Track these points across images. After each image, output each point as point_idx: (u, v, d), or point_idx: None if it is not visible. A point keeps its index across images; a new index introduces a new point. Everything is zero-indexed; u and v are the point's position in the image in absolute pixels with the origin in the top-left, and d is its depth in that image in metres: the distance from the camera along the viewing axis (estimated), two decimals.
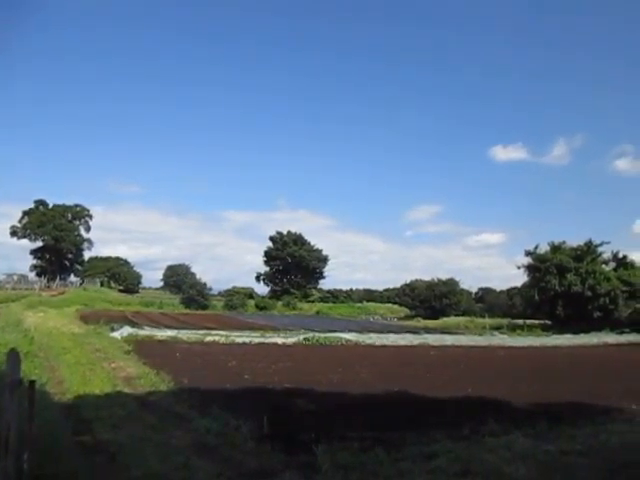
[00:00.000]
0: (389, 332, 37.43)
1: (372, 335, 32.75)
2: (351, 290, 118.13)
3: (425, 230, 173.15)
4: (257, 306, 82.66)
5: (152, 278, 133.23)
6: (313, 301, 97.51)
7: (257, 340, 28.05)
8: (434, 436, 7.87)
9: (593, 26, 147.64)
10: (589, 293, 46.52)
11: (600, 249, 51.24)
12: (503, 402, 12.26)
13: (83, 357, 16.27)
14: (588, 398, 12.88)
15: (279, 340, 28.74)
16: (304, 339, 29.14)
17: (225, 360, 18.95)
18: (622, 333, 42.30)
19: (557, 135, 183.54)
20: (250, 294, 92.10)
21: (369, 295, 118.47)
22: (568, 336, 39.72)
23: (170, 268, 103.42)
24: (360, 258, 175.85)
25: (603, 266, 50.44)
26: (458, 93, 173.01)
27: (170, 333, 28.64)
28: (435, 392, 13.30)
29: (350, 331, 35.15)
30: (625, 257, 51.65)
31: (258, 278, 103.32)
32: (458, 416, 9.98)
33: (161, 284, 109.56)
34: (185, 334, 28.32)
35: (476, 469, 5.99)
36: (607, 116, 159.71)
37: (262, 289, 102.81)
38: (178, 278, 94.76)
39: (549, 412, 10.50)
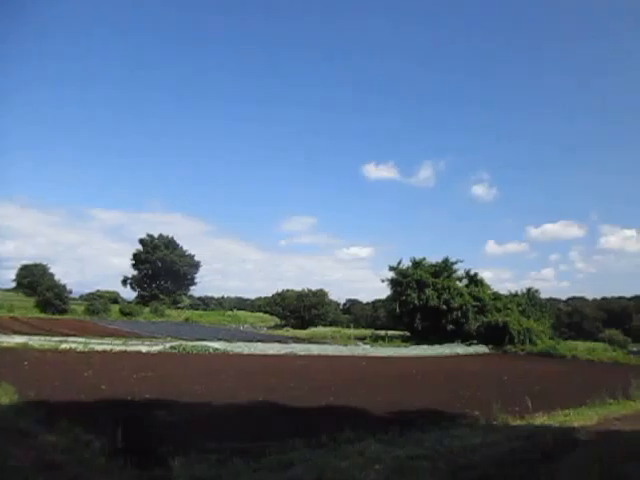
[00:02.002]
0: (258, 341, 37.39)
1: (240, 344, 32.48)
2: (223, 298, 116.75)
3: (299, 241, 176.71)
4: (122, 312, 78.16)
5: (2, 278, 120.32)
6: (182, 308, 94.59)
7: (119, 348, 26.55)
8: (293, 445, 8.02)
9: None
10: (444, 307, 50.08)
11: (455, 266, 55.52)
12: (362, 410, 12.84)
13: None
14: (438, 405, 13.94)
15: (143, 348, 27.45)
16: (170, 347, 28.12)
17: (81, 370, 17.70)
18: (471, 344, 46.24)
19: (425, 158, 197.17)
20: (115, 299, 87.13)
21: (241, 303, 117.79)
22: (424, 347, 42.49)
23: (25, 268, 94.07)
24: (234, 266, 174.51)
25: (457, 282, 54.63)
26: (336, 108, 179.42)
27: (19, 340, 26.09)
28: (298, 401, 13.56)
29: (219, 340, 34.58)
30: (476, 275, 56.43)
31: (125, 282, 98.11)
32: (318, 425, 10.23)
33: (13, 285, 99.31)
34: (37, 341, 26.05)
35: (329, 476, 6.19)
36: (467, 143, 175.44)
37: (129, 294, 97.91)
38: (33, 279, 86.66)
39: (403, 419, 11.19)
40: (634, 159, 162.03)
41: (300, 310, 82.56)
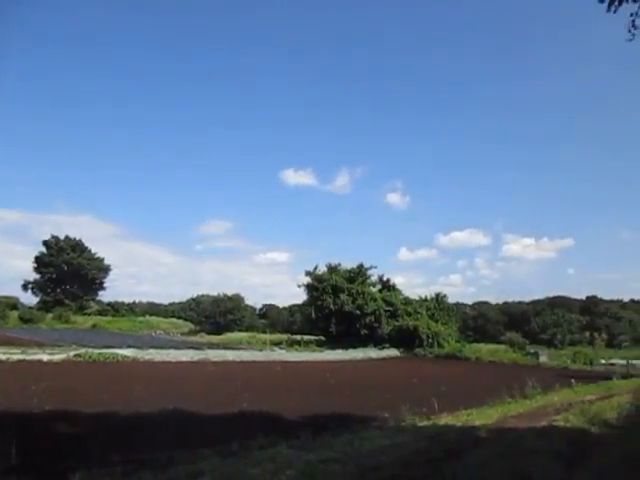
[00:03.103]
0: (171, 348, 36.32)
1: (152, 351, 31.42)
2: (134, 303, 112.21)
3: (216, 245, 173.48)
4: (21, 318, 73.05)
5: None
6: (90, 314, 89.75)
7: (17, 357, 24.80)
8: (203, 453, 7.88)
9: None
10: (358, 312, 51.23)
11: (370, 272, 57.04)
12: (275, 415, 12.86)
13: None
14: (350, 408, 14.24)
15: (44, 357, 25.78)
16: (75, 356, 26.66)
17: None
18: (383, 348, 47.68)
19: (342, 165, 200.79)
20: (14, 304, 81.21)
21: (154, 309, 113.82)
22: (339, 351, 43.27)
23: None
24: (147, 270, 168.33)
25: (371, 288, 56.10)
26: (256, 112, 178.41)
27: None
28: (211, 409, 13.35)
29: (129, 347, 33.20)
30: (389, 280, 58.35)
31: (26, 287, 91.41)
32: (231, 432, 10.12)
33: None
34: None
35: None
36: (383, 152, 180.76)
37: (30, 299, 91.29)
38: None
39: (316, 423, 11.33)
40: (533, 176, 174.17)
41: (215, 315, 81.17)
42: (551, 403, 15.18)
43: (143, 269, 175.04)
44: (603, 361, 41.70)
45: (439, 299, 58.60)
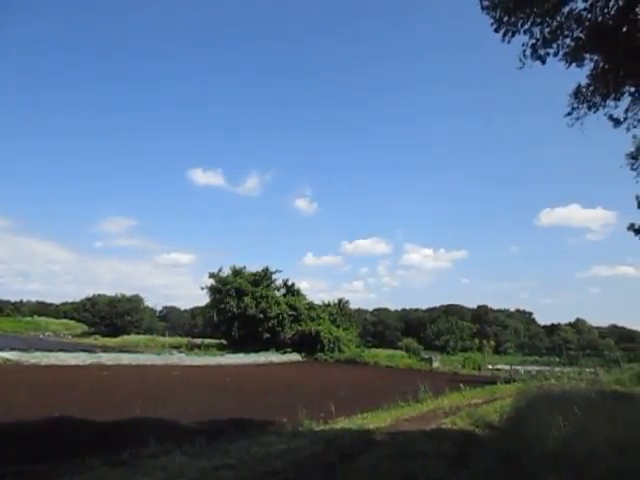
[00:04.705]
0: (60, 351, 34.09)
1: (38, 354, 29.35)
2: (21, 302, 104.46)
3: (116, 243, 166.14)
4: None
5: None
6: None
7: None
8: (90, 464, 7.48)
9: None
10: (261, 316, 51.10)
11: (274, 276, 57.15)
12: (171, 422, 12.45)
13: None
14: (249, 413, 14.12)
15: None
16: None
17: None
18: (285, 352, 47.84)
19: (253, 168, 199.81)
20: None
21: (44, 309, 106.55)
22: (240, 355, 42.80)
23: None
24: (37, 267, 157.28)
25: (275, 292, 56.16)
26: (161, 109, 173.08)
27: None
28: (102, 415, 12.68)
29: (12, 349, 30.76)
30: (293, 285, 58.76)
31: None
32: (122, 440, 9.69)
33: None
34: None
35: None
36: (293, 159, 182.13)
37: None
38: None
39: (212, 429, 11.14)
40: (436, 187, 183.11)
41: (112, 317, 77.31)
42: (441, 406, 15.95)
43: (33, 266, 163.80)
44: (490, 366, 44.39)
45: (341, 305, 59.75)
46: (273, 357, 44.35)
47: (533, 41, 7.09)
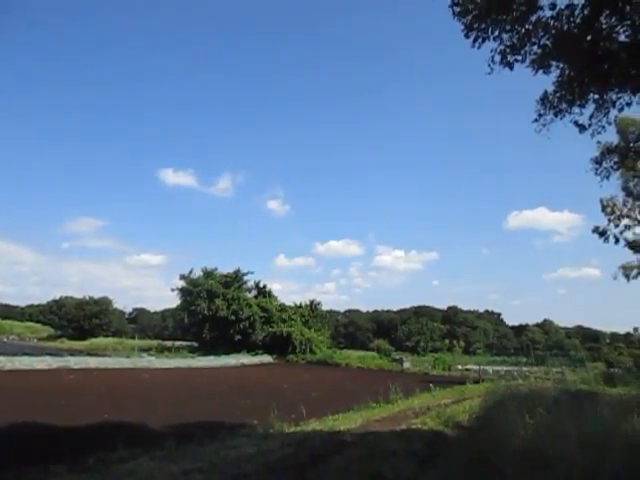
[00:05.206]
0: (24, 354, 33.27)
1: (2, 358, 28.57)
2: None
3: (85, 244, 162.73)
4: None
5: None
6: None
7: None
8: (55, 470, 7.30)
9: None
10: (233, 317, 50.73)
11: (246, 278, 56.81)
12: (139, 426, 12.28)
13: None
14: (219, 416, 14.02)
15: None
16: None
17: None
18: (257, 354, 47.63)
19: (225, 169, 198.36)
20: None
21: (8, 311, 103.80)
22: (211, 358, 42.45)
23: None
24: (2, 268, 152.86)
25: (247, 293, 55.84)
26: (130, 109, 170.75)
27: None
28: (69, 421, 12.42)
29: None
30: (265, 286, 58.51)
31: None
32: (89, 445, 9.50)
33: None
34: None
35: None
36: (266, 160, 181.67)
37: None
38: None
39: (182, 432, 11.00)
40: (401, 189, 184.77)
41: (80, 319, 75.66)
42: (411, 407, 16.08)
43: None
44: (460, 367, 45.04)
45: (313, 306, 59.75)
46: (244, 359, 44.09)
47: (502, 47, 7.22)
